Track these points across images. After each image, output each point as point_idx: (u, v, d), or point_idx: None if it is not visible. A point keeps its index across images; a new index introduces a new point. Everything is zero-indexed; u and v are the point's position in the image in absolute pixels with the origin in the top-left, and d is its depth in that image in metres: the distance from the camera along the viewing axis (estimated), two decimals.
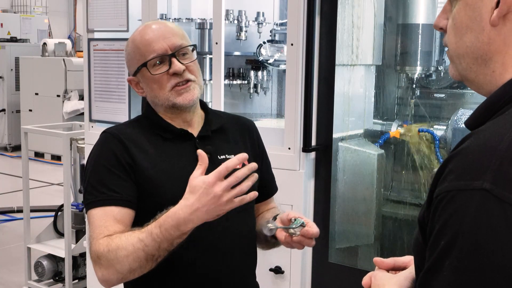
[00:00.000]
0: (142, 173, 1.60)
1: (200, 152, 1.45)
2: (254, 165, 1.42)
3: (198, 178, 1.41)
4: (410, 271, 1.08)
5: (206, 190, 1.39)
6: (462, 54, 0.94)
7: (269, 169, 1.87)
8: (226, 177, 1.40)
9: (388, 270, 1.15)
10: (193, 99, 1.63)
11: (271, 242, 1.73)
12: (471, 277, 0.76)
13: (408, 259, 1.14)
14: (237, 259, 1.68)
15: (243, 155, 1.42)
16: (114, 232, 1.52)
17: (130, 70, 1.69)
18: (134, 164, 1.59)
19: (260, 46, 3.04)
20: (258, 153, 1.80)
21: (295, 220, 1.57)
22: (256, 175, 1.43)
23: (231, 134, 1.77)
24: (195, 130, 1.70)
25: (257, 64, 3.12)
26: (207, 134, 1.70)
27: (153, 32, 1.63)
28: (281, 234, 1.61)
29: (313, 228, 1.56)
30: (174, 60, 1.61)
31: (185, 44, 1.64)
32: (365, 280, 1.13)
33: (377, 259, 1.16)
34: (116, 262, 1.46)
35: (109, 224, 1.52)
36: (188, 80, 1.63)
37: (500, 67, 0.90)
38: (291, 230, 1.56)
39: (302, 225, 1.56)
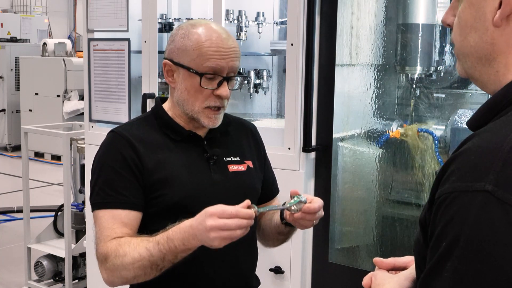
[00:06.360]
0: (150, 175, 1.60)
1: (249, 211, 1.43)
2: (253, 215, 1.42)
3: (215, 205, 1.41)
4: (411, 271, 1.07)
5: (203, 217, 1.40)
6: (466, 53, 0.93)
7: (271, 171, 1.89)
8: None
9: (388, 270, 1.15)
10: (216, 124, 1.65)
11: (285, 230, 1.72)
12: (472, 279, 0.76)
13: (409, 259, 1.14)
14: (238, 258, 1.69)
15: (251, 214, 1.41)
16: (122, 235, 1.54)
17: (175, 57, 1.62)
18: (142, 165, 1.60)
19: None
20: (261, 156, 1.83)
21: (294, 197, 1.54)
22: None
23: (237, 136, 1.79)
24: (203, 132, 1.71)
25: None
26: (215, 135, 1.72)
27: (223, 46, 1.59)
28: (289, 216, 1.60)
29: (314, 204, 1.54)
30: (225, 84, 1.61)
31: (238, 69, 1.65)
32: (365, 280, 1.12)
33: (377, 259, 1.16)
34: (122, 268, 1.50)
35: (117, 227, 1.55)
36: (221, 107, 1.64)
37: (503, 67, 0.89)
38: (293, 207, 1.52)
39: (302, 201, 1.52)
